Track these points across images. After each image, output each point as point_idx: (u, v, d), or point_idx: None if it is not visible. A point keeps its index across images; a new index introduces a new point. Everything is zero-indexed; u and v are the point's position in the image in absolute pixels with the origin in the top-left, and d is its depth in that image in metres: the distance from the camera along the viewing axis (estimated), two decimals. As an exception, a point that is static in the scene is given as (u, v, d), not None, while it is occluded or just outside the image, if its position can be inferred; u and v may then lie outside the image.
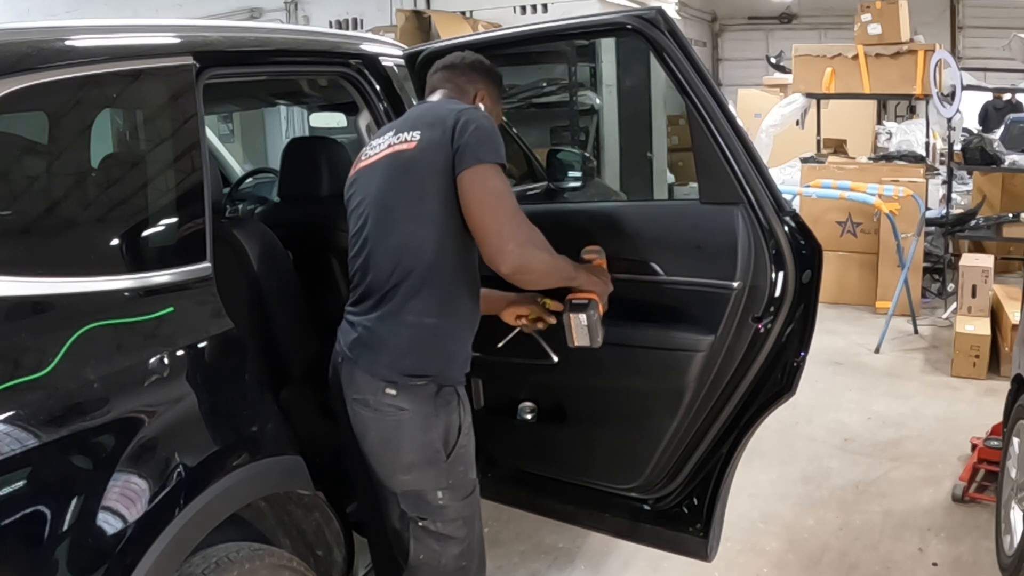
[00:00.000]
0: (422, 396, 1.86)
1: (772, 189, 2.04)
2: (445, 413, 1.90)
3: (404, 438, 1.87)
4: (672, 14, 5.42)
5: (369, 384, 1.87)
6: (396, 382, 1.85)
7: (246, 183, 3.73)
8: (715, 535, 2.29)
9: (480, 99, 2.08)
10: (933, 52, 6.07)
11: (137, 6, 7.95)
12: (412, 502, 1.93)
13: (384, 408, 1.86)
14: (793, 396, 2.14)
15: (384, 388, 1.85)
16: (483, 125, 1.84)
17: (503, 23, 6.82)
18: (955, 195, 6.43)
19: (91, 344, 1.54)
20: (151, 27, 1.97)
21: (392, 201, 1.88)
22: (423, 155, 1.84)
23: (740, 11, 14.01)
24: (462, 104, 1.96)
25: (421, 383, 1.86)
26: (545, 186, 3.32)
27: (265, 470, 1.81)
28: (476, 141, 1.81)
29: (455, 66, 2.10)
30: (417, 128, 1.88)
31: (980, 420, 3.83)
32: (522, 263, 1.80)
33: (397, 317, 1.86)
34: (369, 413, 1.88)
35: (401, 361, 1.85)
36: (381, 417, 1.87)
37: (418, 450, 1.88)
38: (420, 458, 1.88)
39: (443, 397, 1.89)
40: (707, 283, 2.09)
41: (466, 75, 2.09)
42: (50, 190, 1.66)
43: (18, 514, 1.36)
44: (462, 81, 2.08)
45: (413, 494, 1.92)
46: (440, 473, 1.91)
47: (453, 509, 1.94)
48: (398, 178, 1.87)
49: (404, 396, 1.85)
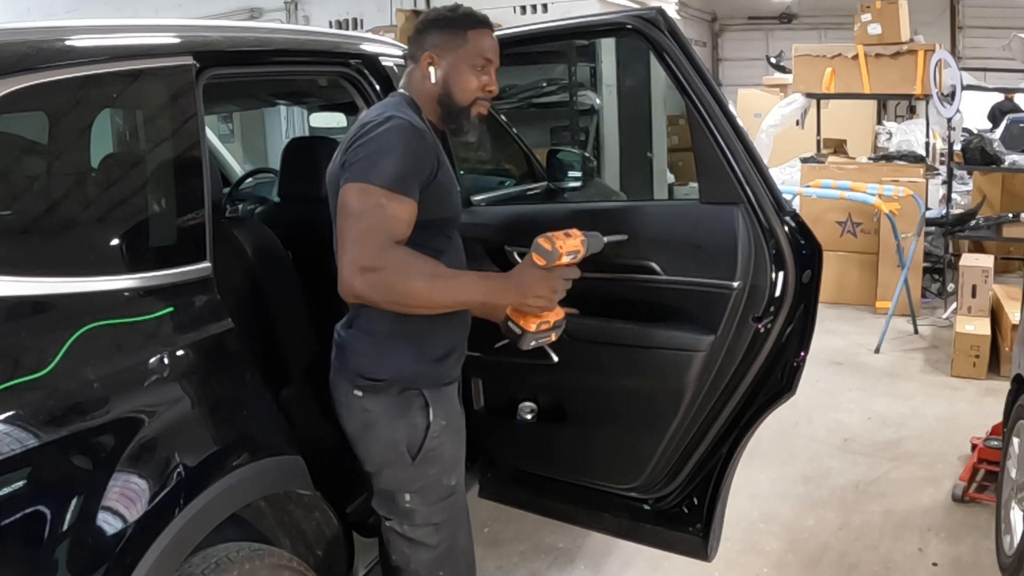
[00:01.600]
0: (385, 398, 1.87)
1: (772, 189, 2.04)
2: (410, 417, 1.88)
3: (370, 439, 1.90)
4: (672, 14, 5.42)
5: (341, 386, 1.91)
6: (361, 385, 1.87)
7: (246, 183, 3.74)
8: (715, 535, 2.29)
9: (429, 62, 1.87)
10: (933, 52, 6.07)
11: (137, 6, 7.95)
12: (382, 501, 1.96)
13: (354, 409, 1.89)
14: (793, 396, 2.14)
15: (352, 390, 1.88)
16: (375, 138, 1.71)
17: (503, 23, 6.78)
18: (955, 195, 6.43)
19: (91, 344, 1.54)
20: (151, 27, 1.97)
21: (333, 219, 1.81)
22: (332, 174, 1.81)
23: (740, 11, 14.01)
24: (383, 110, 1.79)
25: (381, 385, 1.86)
26: (545, 186, 3.32)
27: (265, 470, 1.81)
28: (354, 158, 1.71)
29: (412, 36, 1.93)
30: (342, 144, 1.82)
31: (980, 420, 3.83)
32: (353, 290, 1.65)
33: (354, 324, 1.88)
34: (344, 413, 1.92)
35: (362, 365, 1.87)
36: (352, 418, 1.91)
37: (383, 451, 1.90)
38: (386, 459, 1.90)
39: (406, 399, 1.87)
40: (707, 283, 2.09)
41: (416, 40, 1.91)
42: (50, 190, 1.66)
43: (18, 514, 1.36)
44: (413, 48, 1.91)
45: (384, 493, 1.94)
46: (407, 476, 1.91)
47: (421, 514, 1.93)
48: (329, 196, 1.83)
49: (369, 398, 1.87)
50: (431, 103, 1.89)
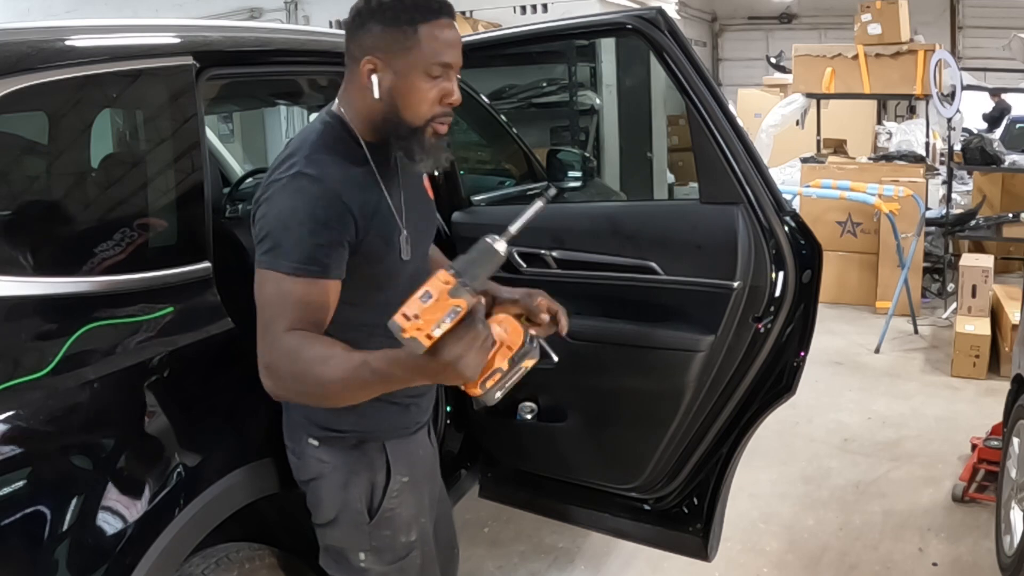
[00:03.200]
0: (342, 450, 1.69)
1: (772, 189, 2.04)
2: (368, 472, 1.70)
3: (324, 493, 1.70)
4: (672, 14, 5.42)
5: (293, 432, 1.73)
6: (316, 435, 1.69)
7: (246, 183, 3.73)
8: (715, 535, 2.29)
9: (371, 69, 1.49)
10: (933, 52, 6.07)
11: (137, 6, 7.94)
12: (332, 558, 1.77)
13: (307, 459, 1.71)
14: (793, 396, 2.14)
15: (307, 439, 1.69)
16: (272, 209, 1.46)
17: (503, 23, 6.81)
18: (955, 195, 6.43)
19: (91, 344, 1.54)
20: (151, 27, 1.97)
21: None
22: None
23: (740, 11, 14.02)
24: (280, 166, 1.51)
25: (338, 436, 1.68)
26: (545, 186, 3.32)
27: (265, 470, 1.81)
28: (258, 234, 1.47)
29: (347, 29, 1.53)
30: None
31: (980, 420, 3.83)
32: (269, 388, 1.44)
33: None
34: (295, 460, 1.74)
35: (316, 414, 1.67)
36: (305, 468, 1.72)
37: (339, 507, 1.70)
38: (340, 515, 1.71)
39: (366, 454, 1.70)
40: (707, 283, 2.09)
41: (354, 38, 1.51)
42: (50, 190, 1.66)
43: (18, 514, 1.36)
44: (352, 47, 1.52)
45: (334, 550, 1.76)
46: (362, 535, 1.72)
47: (376, 573, 1.75)
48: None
49: (324, 449, 1.69)
50: (373, 122, 1.54)
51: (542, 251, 2.31)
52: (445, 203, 2.51)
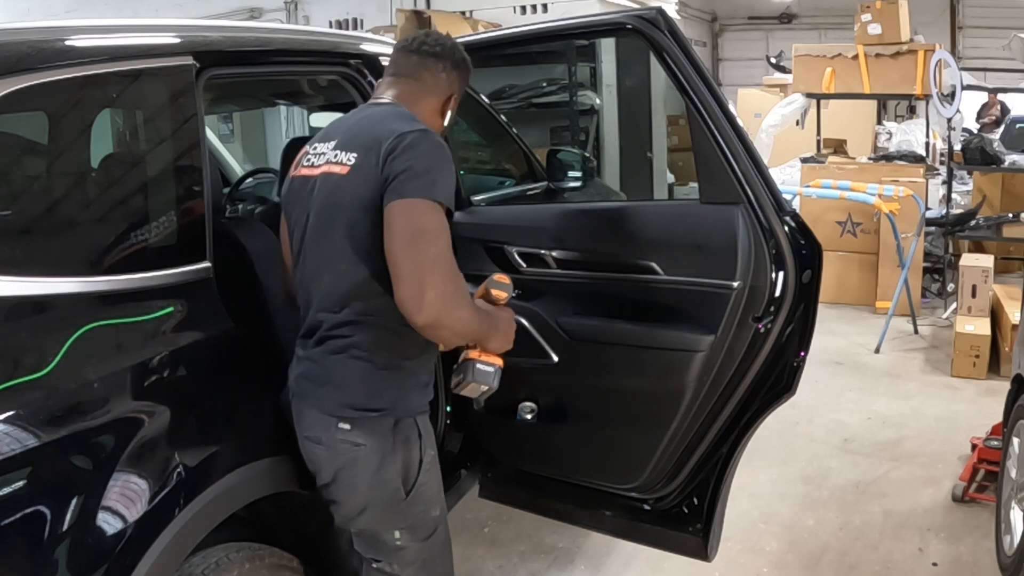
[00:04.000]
0: (379, 430, 1.72)
1: (772, 189, 2.04)
2: (404, 448, 1.76)
3: (359, 476, 1.73)
4: (672, 14, 5.42)
5: (320, 420, 1.73)
6: (350, 417, 1.71)
7: (246, 183, 3.73)
8: (715, 535, 2.29)
9: (452, 103, 1.89)
10: (933, 52, 6.07)
11: (137, 6, 7.95)
12: (367, 542, 1.82)
13: (338, 445, 1.72)
14: (793, 396, 2.14)
15: (336, 423, 1.71)
16: (427, 152, 1.63)
17: (503, 23, 6.81)
18: (955, 195, 6.43)
19: (91, 344, 1.54)
20: (151, 27, 1.97)
21: (328, 234, 1.71)
22: (352, 185, 1.67)
23: (740, 11, 14.03)
24: (411, 123, 1.70)
25: (376, 416, 1.72)
26: (545, 186, 3.32)
27: (265, 470, 1.81)
28: (411, 172, 1.61)
29: (442, 57, 1.83)
30: (355, 149, 1.70)
31: (980, 420, 3.83)
32: (438, 318, 1.57)
33: (347, 354, 1.72)
34: (322, 451, 1.75)
35: (353, 395, 1.71)
36: (335, 455, 1.73)
37: (375, 489, 1.74)
38: (377, 497, 1.75)
39: (402, 431, 1.75)
40: (707, 283, 2.09)
41: (450, 73, 1.85)
42: (50, 190, 1.66)
43: (18, 514, 1.36)
44: (443, 78, 1.85)
45: (368, 534, 1.81)
46: (398, 513, 1.78)
47: (412, 551, 1.81)
48: (331, 209, 1.70)
49: (359, 431, 1.71)
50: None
51: (542, 251, 2.31)
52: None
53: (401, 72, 1.85)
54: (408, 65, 1.85)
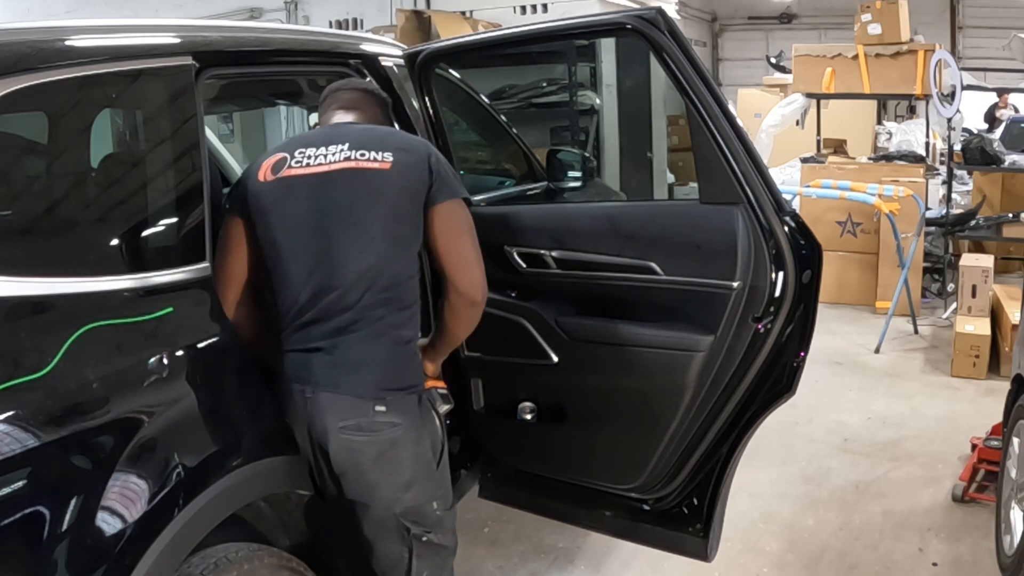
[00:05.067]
0: (409, 407, 1.85)
1: (772, 189, 2.04)
2: (429, 420, 1.93)
3: (403, 454, 1.84)
4: (672, 14, 5.42)
5: (358, 406, 1.80)
6: (384, 398, 1.81)
7: (246, 183, 3.72)
8: (715, 535, 2.29)
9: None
10: (933, 52, 6.07)
11: (137, 6, 7.95)
12: (414, 518, 1.89)
13: (378, 427, 1.80)
14: (793, 396, 2.14)
15: (374, 406, 1.80)
16: (444, 161, 1.93)
17: (503, 23, 6.81)
18: (955, 195, 6.43)
19: (91, 344, 1.54)
20: (151, 27, 1.97)
21: (365, 219, 1.83)
22: (399, 178, 1.84)
23: (740, 11, 14.04)
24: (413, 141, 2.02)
25: (405, 394, 1.84)
26: (545, 186, 3.32)
27: (265, 470, 1.81)
28: (451, 176, 1.90)
29: (370, 93, 2.11)
30: (387, 149, 1.86)
31: (980, 420, 3.83)
32: (484, 296, 1.91)
33: (379, 335, 1.82)
34: (363, 437, 1.80)
35: (386, 376, 1.82)
36: (376, 437, 1.81)
37: (416, 463, 1.87)
38: (419, 471, 1.87)
39: (424, 405, 1.91)
40: (707, 283, 2.09)
41: (380, 107, 2.10)
42: (50, 190, 1.66)
43: (18, 514, 1.36)
44: (378, 112, 2.08)
45: (414, 510, 1.88)
46: (435, 483, 1.93)
47: (447, 519, 1.96)
48: (372, 196, 1.84)
49: (394, 411, 1.82)
50: None
51: (542, 251, 2.32)
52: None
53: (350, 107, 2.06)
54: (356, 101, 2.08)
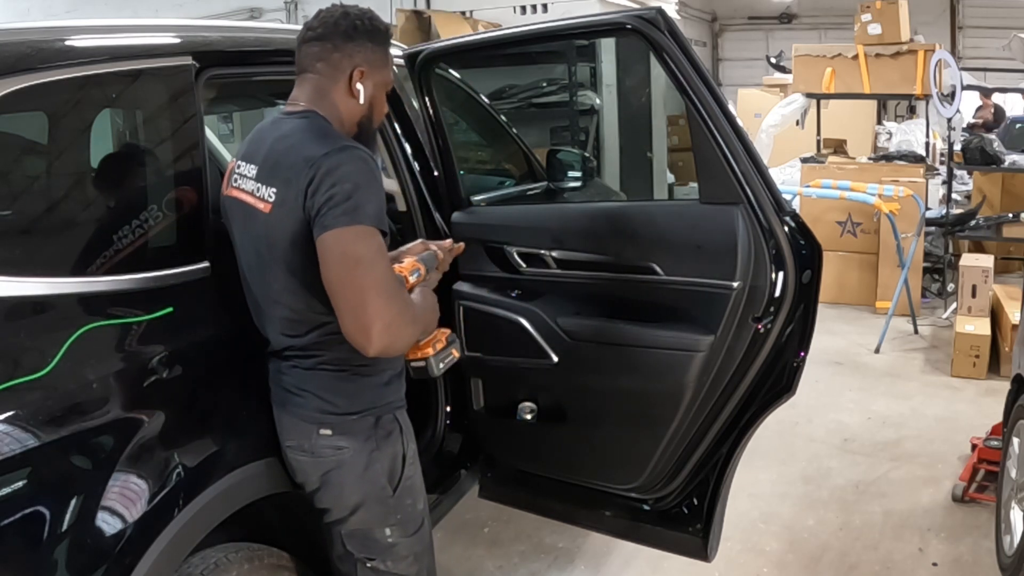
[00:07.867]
0: (360, 430, 1.74)
1: (772, 189, 2.04)
2: (388, 445, 1.78)
3: (347, 478, 1.74)
4: (672, 14, 5.42)
5: (300, 429, 1.74)
6: (329, 422, 1.72)
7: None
8: (715, 535, 2.29)
9: (358, 77, 1.71)
10: (933, 52, 6.07)
11: (137, 6, 7.96)
12: (359, 542, 1.81)
13: (321, 451, 1.73)
14: (793, 396, 2.14)
15: (318, 430, 1.72)
16: (347, 175, 1.55)
17: (503, 23, 6.81)
18: (955, 195, 6.43)
19: (91, 344, 1.54)
20: (151, 27, 1.97)
21: (269, 270, 1.68)
22: (278, 223, 1.61)
23: (740, 11, 14.05)
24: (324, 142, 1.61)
25: (358, 418, 1.74)
26: (545, 186, 3.32)
27: (264, 470, 1.81)
28: (334, 200, 1.54)
29: (326, 37, 1.69)
30: (274, 183, 1.63)
31: (980, 420, 3.83)
32: (389, 345, 1.58)
33: (316, 367, 1.72)
34: (306, 458, 1.76)
35: (330, 403, 1.72)
36: (320, 462, 1.74)
37: (363, 488, 1.76)
38: (366, 496, 1.77)
39: (383, 428, 1.77)
40: (707, 283, 2.09)
41: (340, 49, 1.69)
42: (50, 190, 1.66)
43: (18, 514, 1.36)
44: (336, 58, 1.69)
45: (360, 534, 1.80)
46: (388, 509, 1.80)
47: (403, 546, 1.83)
48: (263, 246, 1.67)
49: (341, 434, 1.72)
50: (349, 125, 1.74)
51: (542, 251, 2.32)
52: (445, 203, 2.51)
53: (301, 68, 1.74)
54: (303, 60, 1.73)
